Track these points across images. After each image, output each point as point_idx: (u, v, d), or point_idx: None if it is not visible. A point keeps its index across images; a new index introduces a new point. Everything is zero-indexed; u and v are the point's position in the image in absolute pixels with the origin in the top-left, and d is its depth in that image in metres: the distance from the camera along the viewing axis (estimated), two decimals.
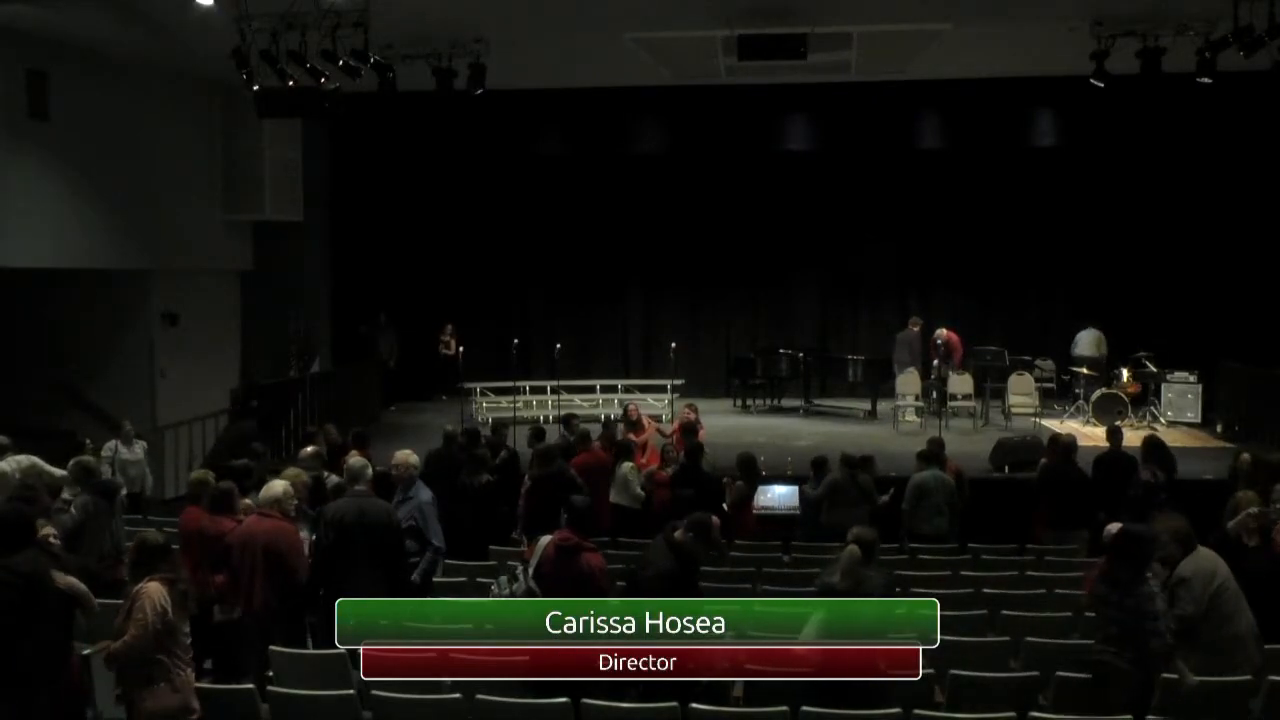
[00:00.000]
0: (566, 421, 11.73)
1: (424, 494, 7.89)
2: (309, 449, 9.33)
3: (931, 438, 10.59)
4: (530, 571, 6.22)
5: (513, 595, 6.21)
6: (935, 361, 15.81)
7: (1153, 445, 9.89)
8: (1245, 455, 9.42)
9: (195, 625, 6.04)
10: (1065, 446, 10.02)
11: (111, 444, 11.39)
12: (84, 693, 6.32)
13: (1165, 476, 9.45)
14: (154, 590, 5.56)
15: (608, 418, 14.13)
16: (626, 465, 10.19)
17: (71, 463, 8.43)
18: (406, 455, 8.03)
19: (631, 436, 11.18)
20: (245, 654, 6.79)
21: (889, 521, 9.39)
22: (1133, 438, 11.16)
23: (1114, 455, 10.01)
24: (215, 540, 7.08)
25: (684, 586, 5.88)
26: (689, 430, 11.22)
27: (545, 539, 6.41)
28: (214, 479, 7.90)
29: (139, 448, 11.47)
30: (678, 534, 6.06)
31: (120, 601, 5.82)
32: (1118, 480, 9.55)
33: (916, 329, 16.58)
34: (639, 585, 5.87)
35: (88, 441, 10.96)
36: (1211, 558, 6.23)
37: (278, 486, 7.07)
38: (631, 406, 12.51)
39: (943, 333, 16.19)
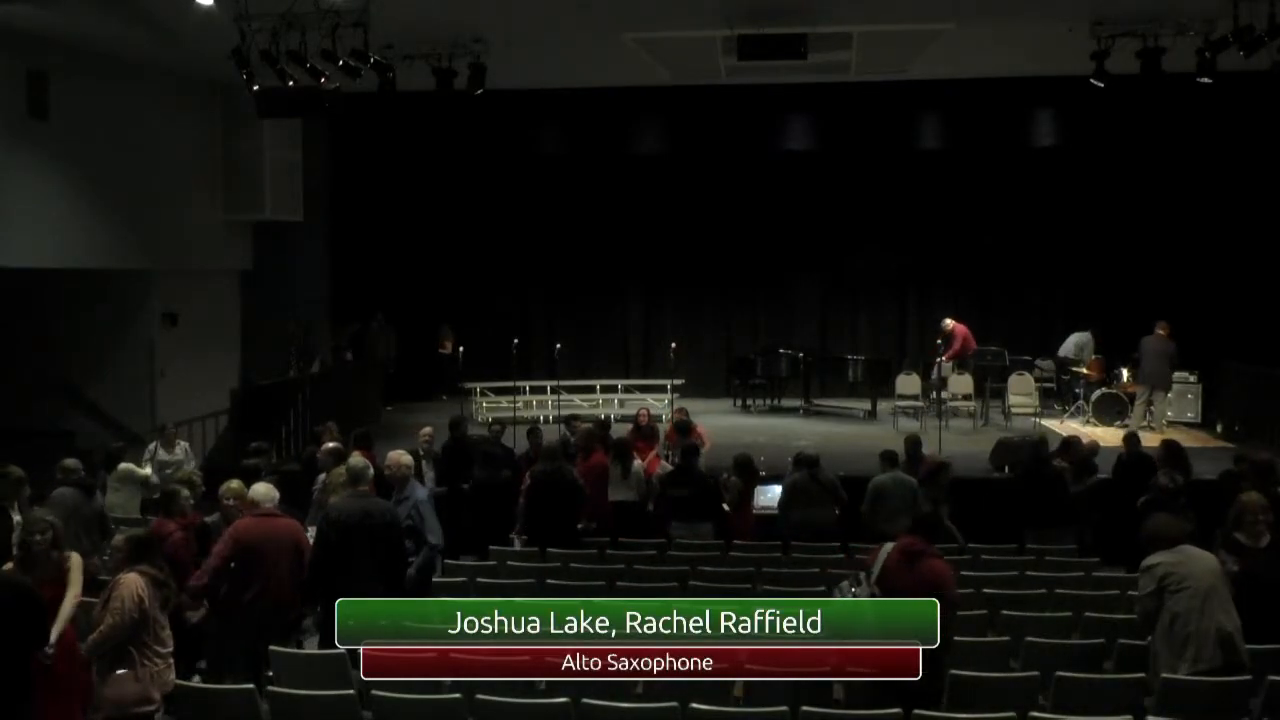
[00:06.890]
0: (568, 422, 11.72)
1: (420, 492, 7.96)
2: (329, 444, 9.37)
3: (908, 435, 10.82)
4: (874, 576, 5.98)
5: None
6: (940, 359, 15.71)
7: (1172, 450, 9.90)
8: (1264, 455, 9.19)
9: (181, 626, 6.10)
10: (1064, 446, 10.15)
11: (151, 445, 11.48)
12: None
13: (1184, 480, 9.45)
14: (131, 580, 5.63)
15: (607, 418, 14.08)
16: (638, 464, 10.29)
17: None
18: (400, 455, 8.05)
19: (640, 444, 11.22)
20: (236, 650, 6.81)
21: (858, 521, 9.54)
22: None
23: (1134, 457, 10.10)
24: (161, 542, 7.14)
25: None
26: (683, 429, 11.18)
27: (888, 545, 6.12)
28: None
29: (180, 449, 11.56)
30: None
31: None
32: (1138, 482, 9.54)
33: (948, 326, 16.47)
34: None
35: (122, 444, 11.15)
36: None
37: (261, 488, 7.18)
38: (642, 412, 12.49)
39: (949, 323, 16.21)
